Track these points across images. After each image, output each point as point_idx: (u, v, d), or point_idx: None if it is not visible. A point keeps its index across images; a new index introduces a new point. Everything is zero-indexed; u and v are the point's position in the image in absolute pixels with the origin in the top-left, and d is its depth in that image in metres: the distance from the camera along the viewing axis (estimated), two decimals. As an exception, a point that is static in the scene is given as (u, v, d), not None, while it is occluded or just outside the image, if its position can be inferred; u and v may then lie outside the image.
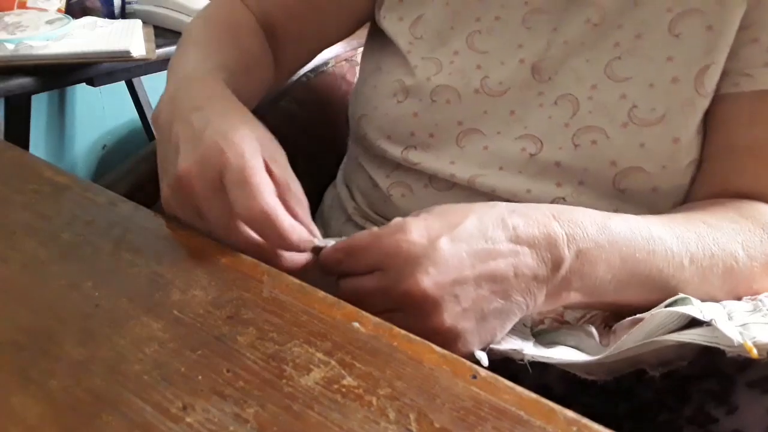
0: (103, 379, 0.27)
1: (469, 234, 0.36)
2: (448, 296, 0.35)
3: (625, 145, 0.48)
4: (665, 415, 0.41)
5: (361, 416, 0.26)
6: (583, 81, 0.50)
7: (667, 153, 0.48)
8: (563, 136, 0.50)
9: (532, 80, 0.52)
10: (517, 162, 0.52)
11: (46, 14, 1.10)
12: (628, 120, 0.48)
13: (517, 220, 0.38)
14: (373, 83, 0.59)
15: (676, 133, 0.48)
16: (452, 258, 0.35)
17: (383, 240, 0.36)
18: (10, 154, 0.47)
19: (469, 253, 0.36)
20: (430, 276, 0.34)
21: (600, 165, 0.49)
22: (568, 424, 0.25)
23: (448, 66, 0.54)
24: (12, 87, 0.96)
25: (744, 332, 0.33)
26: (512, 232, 0.37)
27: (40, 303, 0.32)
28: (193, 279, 0.34)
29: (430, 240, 0.35)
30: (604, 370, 0.38)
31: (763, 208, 0.46)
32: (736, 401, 0.37)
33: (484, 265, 0.36)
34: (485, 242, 0.36)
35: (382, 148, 0.57)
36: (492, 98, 0.53)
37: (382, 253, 0.36)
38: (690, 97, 0.47)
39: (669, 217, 0.44)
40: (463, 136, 0.53)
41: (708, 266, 0.41)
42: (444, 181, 0.54)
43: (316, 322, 0.31)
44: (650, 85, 0.48)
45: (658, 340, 0.34)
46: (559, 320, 0.45)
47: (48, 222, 0.38)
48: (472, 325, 0.36)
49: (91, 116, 1.76)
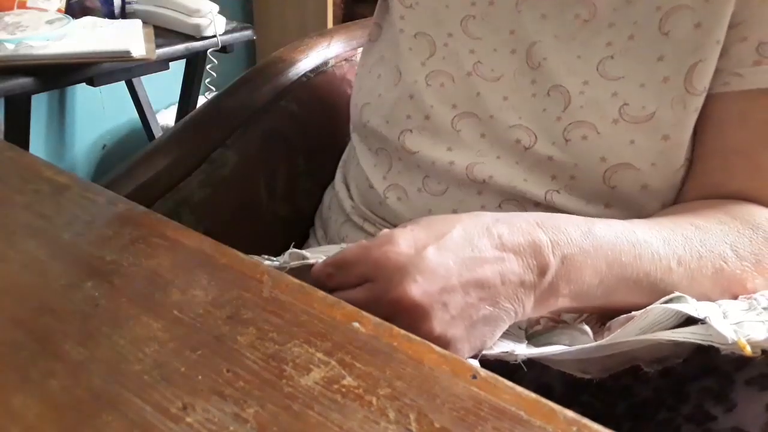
0: (102, 379, 0.27)
1: (455, 243, 0.37)
2: (437, 304, 0.35)
3: (614, 141, 0.48)
4: (664, 414, 0.41)
5: (361, 416, 0.26)
6: (574, 75, 0.51)
7: (656, 150, 0.48)
8: (555, 130, 0.51)
9: (525, 67, 0.53)
10: (513, 153, 0.52)
11: (46, 14, 1.10)
12: (618, 117, 0.48)
13: (501, 229, 0.38)
14: (378, 72, 0.60)
15: (665, 130, 0.48)
16: (439, 267, 0.36)
17: (372, 252, 0.37)
18: (10, 154, 0.47)
19: (456, 262, 0.36)
20: (419, 284, 0.35)
21: (590, 161, 0.49)
22: (568, 424, 0.25)
23: (442, 48, 0.55)
24: (12, 87, 0.96)
25: (738, 330, 0.33)
26: (497, 240, 0.38)
27: (39, 303, 0.32)
28: (192, 279, 0.34)
29: (417, 250, 0.36)
30: (598, 367, 0.38)
31: (752, 209, 0.46)
32: (735, 399, 0.37)
33: (470, 273, 0.37)
34: (471, 251, 0.37)
35: (383, 135, 0.57)
36: (485, 82, 0.54)
37: (371, 265, 0.37)
38: (680, 95, 0.48)
39: (655, 221, 0.44)
40: (458, 119, 0.54)
41: (696, 268, 0.41)
42: (439, 178, 0.54)
43: (316, 322, 0.31)
44: (641, 85, 0.48)
45: (652, 338, 0.34)
46: (555, 319, 0.45)
47: (48, 222, 0.38)
48: (462, 332, 0.37)
49: (91, 116, 1.76)
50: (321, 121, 0.79)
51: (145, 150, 0.68)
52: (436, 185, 0.54)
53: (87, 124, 1.76)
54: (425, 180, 0.55)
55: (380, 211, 0.58)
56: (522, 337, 0.42)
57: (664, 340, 0.34)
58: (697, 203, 0.48)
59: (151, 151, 0.68)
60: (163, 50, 1.15)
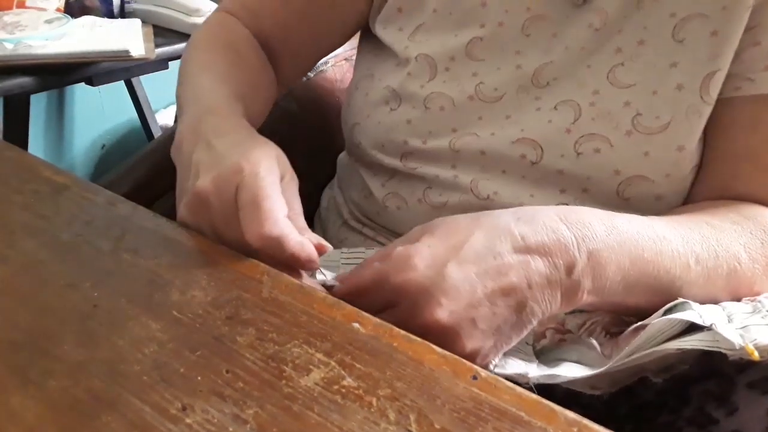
0: (102, 380, 0.27)
1: (475, 253, 0.36)
2: (465, 321, 0.34)
3: (629, 153, 0.48)
4: (666, 417, 0.41)
5: (361, 417, 0.25)
6: (584, 87, 0.50)
7: (671, 161, 0.47)
8: (565, 142, 0.50)
9: (530, 85, 0.51)
10: (518, 168, 0.51)
11: (45, 13, 1.10)
12: (632, 128, 0.48)
13: (523, 229, 0.37)
14: (365, 90, 0.58)
15: (680, 141, 0.47)
16: (463, 283, 0.35)
17: (390, 279, 0.35)
18: (9, 154, 0.47)
19: (479, 274, 0.35)
20: (444, 307, 0.34)
21: (603, 174, 0.49)
22: (568, 425, 0.25)
23: (443, 73, 0.53)
24: (11, 87, 0.96)
25: (744, 335, 0.33)
26: (521, 243, 0.37)
27: (38, 303, 0.32)
28: (192, 279, 0.33)
29: (437, 269, 0.35)
30: (607, 381, 0.38)
31: (763, 211, 0.46)
32: (736, 402, 0.37)
33: (495, 282, 0.35)
34: (494, 258, 0.36)
35: (378, 158, 0.56)
36: (487, 104, 0.52)
37: (391, 292, 0.35)
38: (695, 104, 0.47)
39: (672, 218, 0.44)
40: (456, 140, 0.53)
41: (713, 267, 0.41)
42: (441, 190, 0.53)
43: (316, 322, 0.31)
44: (654, 92, 0.48)
45: (661, 349, 0.34)
46: (560, 330, 0.45)
47: (47, 222, 0.38)
48: (492, 343, 0.36)
49: (90, 116, 1.76)
50: (320, 122, 0.79)
51: (144, 150, 0.68)
52: (438, 197, 0.53)
53: (86, 124, 1.76)
54: (426, 191, 0.54)
55: (379, 219, 0.58)
56: (531, 354, 0.41)
57: (673, 350, 0.34)
58: (708, 203, 0.48)
59: (151, 150, 0.67)
60: (162, 50, 1.14)
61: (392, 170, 0.56)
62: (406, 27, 0.56)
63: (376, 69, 0.58)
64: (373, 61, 0.59)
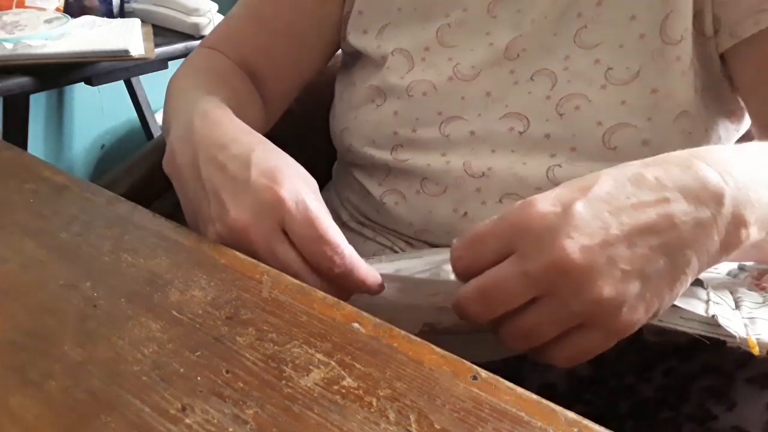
0: (101, 380, 0.27)
1: (606, 192, 0.32)
2: (601, 259, 0.30)
3: (607, 104, 0.49)
4: (666, 413, 0.41)
5: (361, 417, 0.25)
6: (554, 54, 0.51)
7: (648, 105, 0.48)
8: (547, 108, 0.51)
9: (503, 59, 0.53)
10: (507, 142, 0.52)
11: (44, 13, 1.10)
12: (606, 82, 0.49)
13: (656, 171, 0.34)
14: (349, 98, 0.59)
15: (652, 84, 0.48)
16: (594, 219, 0.31)
17: (508, 219, 0.32)
18: (9, 154, 0.47)
19: (612, 212, 0.31)
20: (575, 241, 0.30)
21: (587, 127, 0.50)
22: (569, 425, 0.25)
23: (420, 63, 0.55)
24: (10, 86, 0.96)
25: (750, 326, 0.32)
26: (655, 182, 0.33)
27: (38, 303, 0.32)
28: (192, 279, 0.33)
29: (564, 207, 0.31)
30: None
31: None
32: (735, 397, 0.37)
33: (633, 219, 0.31)
34: (627, 198, 0.32)
35: (370, 155, 0.57)
36: (466, 83, 0.54)
37: (510, 233, 0.32)
38: (658, 48, 0.48)
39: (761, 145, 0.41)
40: (445, 125, 0.54)
41: None
42: (437, 179, 0.54)
43: (316, 322, 0.31)
44: (620, 46, 0.49)
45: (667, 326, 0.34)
46: None
47: (46, 222, 0.38)
48: (636, 290, 0.31)
49: (89, 116, 1.76)
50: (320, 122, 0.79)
51: (143, 149, 0.68)
52: (435, 186, 0.54)
53: (86, 124, 1.76)
54: (423, 182, 0.55)
55: (378, 218, 0.58)
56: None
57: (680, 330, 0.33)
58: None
59: (150, 150, 0.67)
60: (161, 49, 1.15)
61: (386, 167, 0.56)
62: (370, 29, 0.58)
63: (357, 77, 0.60)
64: (352, 71, 0.61)
